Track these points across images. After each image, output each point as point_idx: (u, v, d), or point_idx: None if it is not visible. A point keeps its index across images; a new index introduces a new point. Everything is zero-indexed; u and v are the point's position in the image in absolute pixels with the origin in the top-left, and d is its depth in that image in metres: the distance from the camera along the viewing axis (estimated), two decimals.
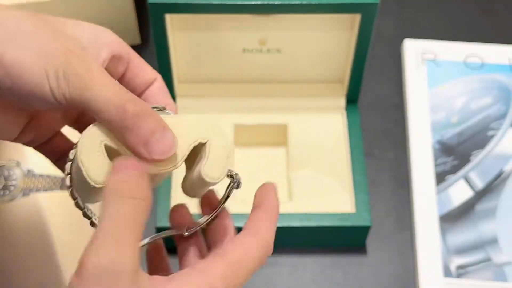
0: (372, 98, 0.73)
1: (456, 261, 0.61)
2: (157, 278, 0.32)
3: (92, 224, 0.37)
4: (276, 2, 0.57)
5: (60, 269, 0.56)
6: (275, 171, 0.66)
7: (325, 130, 0.66)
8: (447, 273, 0.61)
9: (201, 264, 0.34)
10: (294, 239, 0.62)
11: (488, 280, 0.60)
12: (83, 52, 0.35)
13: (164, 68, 0.63)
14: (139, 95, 0.40)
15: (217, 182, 0.37)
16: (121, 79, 0.40)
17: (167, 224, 0.59)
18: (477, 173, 0.66)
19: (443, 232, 0.63)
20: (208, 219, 0.40)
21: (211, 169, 0.36)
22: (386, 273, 0.62)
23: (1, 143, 0.65)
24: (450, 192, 0.65)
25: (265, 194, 0.38)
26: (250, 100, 0.67)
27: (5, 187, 0.62)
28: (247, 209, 0.39)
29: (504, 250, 0.62)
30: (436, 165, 0.66)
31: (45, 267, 0.56)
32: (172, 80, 0.65)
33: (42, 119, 0.39)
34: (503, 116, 0.70)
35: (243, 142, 0.67)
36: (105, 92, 0.33)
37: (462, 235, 0.63)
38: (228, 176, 0.37)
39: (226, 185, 0.38)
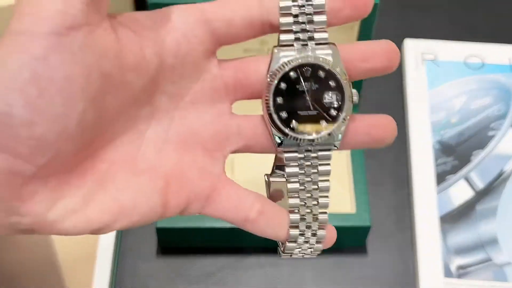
0: (372, 98, 0.73)
1: (457, 261, 0.61)
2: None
3: None
4: None
5: (61, 274, 0.56)
6: None
7: None
8: (448, 273, 0.61)
9: None
10: None
11: (488, 280, 0.60)
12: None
13: None
14: None
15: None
16: None
17: (165, 225, 0.59)
18: (477, 173, 0.66)
19: (444, 232, 0.63)
20: None
21: None
22: (386, 274, 0.62)
23: None
24: (451, 192, 0.65)
25: None
26: (251, 100, 0.67)
27: None
28: None
29: (505, 250, 0.62)
30: (436, 165, 0.66)
31: (47, 271, 0.56)
32: None
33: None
34: (503, 116, 0.70)
35: None
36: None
37: (463, 235, 0.63)
38: None
39: None
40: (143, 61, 0.29)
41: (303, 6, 0.30)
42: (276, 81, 0.30)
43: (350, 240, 0.62)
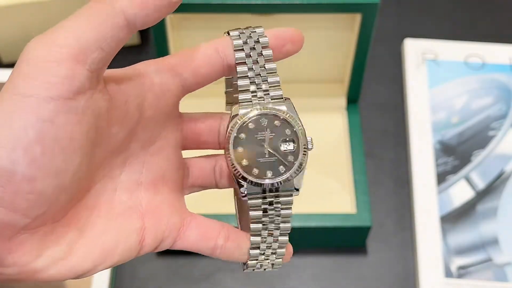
0: (373, 98, 0.72)
1: (457, 261, 0.61)
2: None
3: None
4: (277, 2, 0.56)
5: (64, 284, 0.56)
6: None
7: (325, 130, 0.66)
8: (448, 273, 0.60)
9: None
10: (294, 240, 0.62)
11: (488, 281, 0.60)
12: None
13: None
14: None
15: None
16: None
17: None
18: (478, 173, 0.66)
19: (444, 232, 0.62)
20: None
21: None
22: (386, 274, 0.62)
23: None
24: (451, 192, 0.65)
25: None
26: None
27: None
28: None
29: (505, 250, 0.62)
30: (437, 165, 0.66)
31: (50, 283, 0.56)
32: None
33: None
34: (503, 116, 0.69)
35: None
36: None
37: (463, 235, 0.63)
38: None
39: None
40: (126, 115, 0.31)
41: (255, 55, 0.32)
42: (235, 132, 0.32)
43: (350, 240, 0.62)
